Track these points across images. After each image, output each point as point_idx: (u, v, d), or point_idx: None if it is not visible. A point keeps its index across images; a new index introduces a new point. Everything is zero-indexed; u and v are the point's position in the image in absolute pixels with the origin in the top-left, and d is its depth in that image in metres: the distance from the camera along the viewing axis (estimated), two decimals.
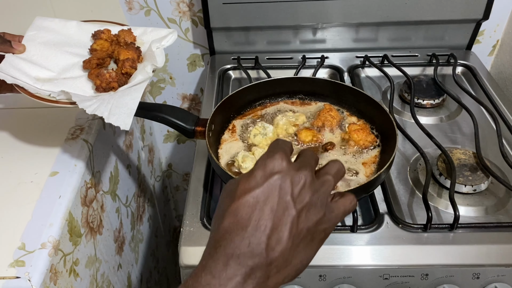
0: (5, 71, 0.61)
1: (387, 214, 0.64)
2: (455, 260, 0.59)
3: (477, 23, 0.95)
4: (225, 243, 0.36)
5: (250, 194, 0.37)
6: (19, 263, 0.56)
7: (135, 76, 0.63)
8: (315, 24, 0.95)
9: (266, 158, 0.39)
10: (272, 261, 0.36)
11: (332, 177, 0.41)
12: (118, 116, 0.56)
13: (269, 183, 0.37)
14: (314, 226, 0.38)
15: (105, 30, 0.69)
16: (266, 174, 0.38)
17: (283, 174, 0.38)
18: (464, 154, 0.70)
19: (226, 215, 0.37)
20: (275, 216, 0.37)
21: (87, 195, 0.73)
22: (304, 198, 0.38)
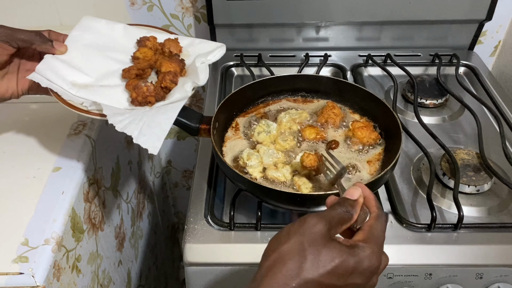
0: (41, 73, 0.58)
1: (391, 213, 0.64)
2: (458, 260, 0.59)
3: (479, 24, 0.95)
4: None
5: (331, 283, 0.39)
6: (23, 259, 0.56)
7: (174, 92, 0.59)
8: (319, 22, 0.95)
9: (367, 258, 0.40)
10: None
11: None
12: (148, 137, 0.53)
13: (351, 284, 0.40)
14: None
15: (151, 37, 0.66)
16: (357, 274, 0.40)
17: (365, 283, 0.41)
18: (467, 155, 0.70)
19: (301, 280, 0.38)
20: None
21: (90, 191, 0.72)
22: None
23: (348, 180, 0.63)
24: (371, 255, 0.41)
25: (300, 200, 0.57)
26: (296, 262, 0.38)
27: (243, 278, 0.59)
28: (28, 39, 0.59)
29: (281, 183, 0.62)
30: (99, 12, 0.98)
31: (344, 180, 0.63)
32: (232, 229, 0.61)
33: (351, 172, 0.64)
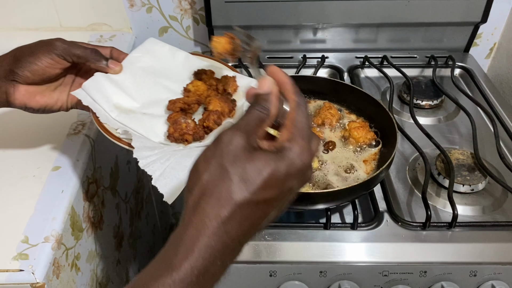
0: (87, 90, 0.57)
1: (386, 212, 0.65)
2: (453, 258, 0.60)
3: (475, 26, 0.97)
4: (229, 237, 0.35)
5: (269, 197, 0.36)
6: (23, 256, 0.56)
7: (212, 134, 0.55)
8: (316, 24, 0.96)
9: (297, 157, 0.36)
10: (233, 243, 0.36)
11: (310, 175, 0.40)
12: (168, 180, 0.48)
13: (287, 192, 0.37)
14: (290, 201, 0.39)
15: (208, 71, 0.62)
16: (292, 180, 0.36)
17: (300, 185, 0.38)
18: (462, 155, 0.71)
19: (232, 204, 0.35)
20: (267, 221, 0.37)
21: (89, 190, 0.73)
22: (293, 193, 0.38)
23: (345, 179, 0.64)
24: (301, 153, 0.36)
25: (297, 198, 0.57)
26: (222, 188, 0.34)
27: (240, 275, 0.60)
28: (83, 55, 0.57)
29: None
30: (98, 14, 0.99)
31: (341, 179, 0.64)
32: None
33: (349, 171, 0.65)
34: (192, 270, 0.33)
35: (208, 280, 0.34)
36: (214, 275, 0.35)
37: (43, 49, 0.56)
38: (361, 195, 0.64)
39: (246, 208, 0.34)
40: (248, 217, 0.35)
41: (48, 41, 0.57)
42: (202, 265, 0.33)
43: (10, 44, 0.61)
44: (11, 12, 0.99)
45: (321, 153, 0.68)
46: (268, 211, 0.36)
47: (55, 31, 1.01)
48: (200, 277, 0.33)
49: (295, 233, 0.62)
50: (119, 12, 0.99)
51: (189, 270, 0.33)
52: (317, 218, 0.66)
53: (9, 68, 0.56)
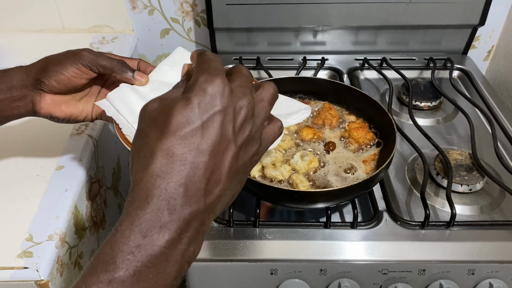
0: (111, 101, 0.56)
1: (386, 211, 0.66)
2: (451, 257, 0.60)
3: (473, 29, 0.98)
4: (158, 191, 0.31)
5: (188, 130, 0.32)
6: (27, 254, 0.57)
7: None
8: (316, 27, 0.97)
9: (205, 83, 0.33)
10: (209, 206, 0.32)
11: (268, 103, 0.37)
12: None
13: (210, 117, 0.32)
14: (249, 159, 0.36)
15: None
16: (207, 105, 0.32)
17: (225, 105, 0.33)
18: (460, 155, 0.72)
19: (156, 154, 0.31)
20: (215, 156, 0.32)
21: (92, 189, 0.74)
22: (245, 132, 0.34)
23: (345, 179, 0.65)
24: (206, 78, 0.33)
25: (298, 197, 0.58)
26: (142, 145, 0.33)
27: (241, 273, 0.61)
28: (109, 66, 0.57)
29: (280, 181, 0.64)
30: (100, 16, 1.00)
31: (341, 179, 0.65)
32: (231, 226, 0.63)
33: (348, 171, 0.66)
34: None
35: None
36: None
37: (70, 59, 0.56)
38: (361, 194, 0.65)
39: (179, 159, 0.31)
40: (176, 155, 0.31)
41: (76, 51, 0.57)
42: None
43: (13, 46, 0.62)
44: (14, 14, 1.00)
45: (323, 154, 0.69)
46: (197, 142, 0.32)
47: (58, 33, 1.02)
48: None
49: (295, 231, 0.63)
50: (121, 14, 1.00)
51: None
52: (317, 217, 0.67)
53: (36, 77, 0.56)
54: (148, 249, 0.30)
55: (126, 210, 0.32)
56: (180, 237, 0.31)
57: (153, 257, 0.30)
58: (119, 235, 0.31)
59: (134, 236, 0.30)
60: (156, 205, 0.31)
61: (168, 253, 0.31)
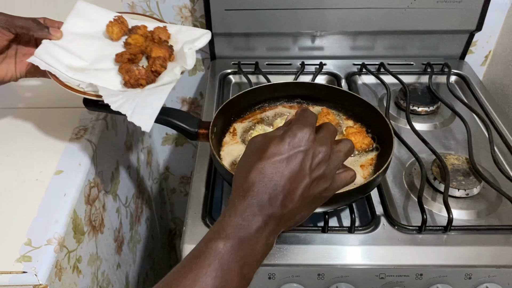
0: (40, 57, 0.62)
1: (383, 216, 0.66)
2: (448, 261, 0.61)
3: (470, 34, 0.98)
4: (252, 194, 0.44)
5: (277, 159, 0.44)
6: (26, 259, 0.57)
7: (163, 76, 0.63)
8: (314, 32, 0.98)
9: (296, 130, 0.46)
10: (283, 214, 0.44)
11: (343, 155, 0.49)
12: (141, 116, 0.57)
13: (294, 154, 0.45)
14: (319, 193, 0.47)
15: (141, 26, 0.69)
16: (294, 145, 0.45)
17: (307, 148, 0.45)
18: (457, 160, 0.72)
19: (254, 169, 0.44)
20: (293, 181, 0.44)
21: (91, 194, 0.74)
22: (319, 170, 0.46)
23: None
24: (298, 126, 0.46)
25: None
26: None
27: None
28: (26, 26, 0.63)
29: None
30: None
31: None
32: None
33: None
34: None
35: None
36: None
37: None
38: (358, 199, 0.66)
39: (261, 169, 0.44)
40: (265, 176, 0.44)
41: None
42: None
43: None
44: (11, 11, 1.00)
45: None
46: (281, 168, 0.44)
47: None
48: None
49: (293, 236, 0.63)
50: None
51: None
52: (315, 222, 0.67)
53: None
54: (246, 228, 0.43)
55: (230, 203, 0.45)
56: (265, 227, 0.43)
57: (249, 234, 0.42)
58: (227, 218, 0.43)
59: (237, 219, 0.43)
60: (251, 202, 0.43)
61: (257, 235, 0.43)
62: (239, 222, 0.43)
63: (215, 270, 0.40)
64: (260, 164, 0.44)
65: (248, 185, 0.44)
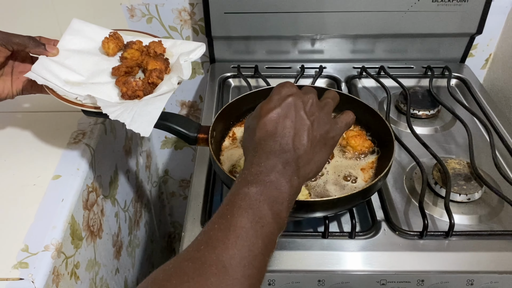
0: (37, 72, 0.63)
1: (384, 221, 0.65)
2: (450, 267, 0.60)
3: (471, 37, 0.98)
4: (262, 146, 0.46)
5: (273, 112, 0.47)
6: (23, 265, 0.57)
7: (161, 86, 0.64)
8: (314, 35, 0.97)
9: (279, 87, 0.50)
10: (299, 156, 0.46)
11: (331, 100, 0.53)
12: (139, 123, 0.57)
13: (285, 103, 0.48)
14: (325, 134, 0.49)
15: (137, 41, 0.71)
16: (282, 96, 0.48)
17: (295, 96, 0.48)
18: (458, 164, 0.72)
19: (256, 130, 0.47)
20: (295, 126, 0.47)
21: (89, 198, 0.73)
22: (314, 113, 0.49)
23: (342, 188, 0.65)
24: (280, 85, 0.50)
25: (296, 207, 0.57)
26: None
27: None
28: (22, 42, 0.63)
29: None
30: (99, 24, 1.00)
31: (339, 188, 0.65)
32: None
33: (347, 179, 0.66)
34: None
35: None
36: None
37: None
38: (359, 203, 0.65)
39: (262, 126, 0.47)
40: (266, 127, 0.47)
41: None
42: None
43: None
44: (13, 22, 1.00)
45: None
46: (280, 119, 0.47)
47: None
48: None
49: (293, 242, 0.62)
50: (120, 22, 1.00)
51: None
52: (315, 227, 0.66)
53: None
54: (266, 172, 0.44)
55: (245, 163, 0.47)
56: (284, 169, 0.45)
57: (271, 177, 0.44)
58: (245, 170, 0.45)
59: (255, 168, 0.44)
60: (263, 152, 0.45)
61: (279, 177, 0.44)
62: (257, 169, 0.44)
63: (246, 209, 0.41)
64: (260, 123, 0.47)
65: (256, 142, 0.47)
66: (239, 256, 0.38)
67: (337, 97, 0.55)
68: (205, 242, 0.39)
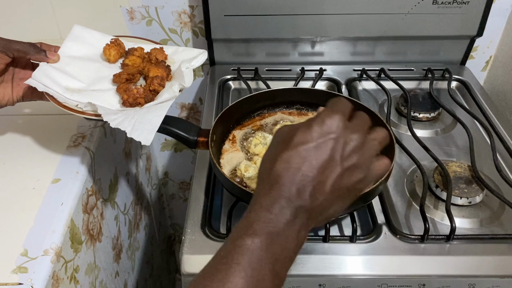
0: (37, 79, 0.62)
1: (385, 225, 0.65)
2: (451, 271, 0.60)
3: (471, 40, 0.98)
4: (278, 186, 0.40)
5: (304, 147, 0.41)
6: (22, 270, 0.56)
7: (162, 94, 0.64)
8: (314, 38, 0.97)
9: (325, 116, 0.42)
10: (313, 207, 0.41)
11: (378, 143, 0.45)
12: (140, 132, 0.57)
13: (323, 141, 0.41)
14: (353, 185, 0.43)
15: (138, 48, 0.70)
16: (323, 132, 0.41)
17: (338, 135, 0.41)
18: (459, 167, 0.72)
19: (279, 160, 0.41)
20: (323, 171, 0.41)
21: (88, 202, 0.73)
22: (352, 160, 0.42)
23: None
24: (328, 113, 0.42)
25: None
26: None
27: None
28: (23, 49, 0.63)
29: None
30: (99, 26, 0.99)
31: None
32: None
33: None
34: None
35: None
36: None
37: None
38: (360, 207, 0.65)
39: (287, 159, 0.41)
40: (291, 161, 0.41)
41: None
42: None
43: None
44: (12, 24, 1.00)
45: None
46: (308, 156, 0.41)
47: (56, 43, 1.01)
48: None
49: None
50: (119, 24, 1.00)
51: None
52: (316, 231, 0.66)
53: None
54: (274, 222, 0.39)
55: (254, 198, 0.42)
56: (294, 220, 0.40)
57: (278, 229, 0.39)
58: (252, 213, 0.40)
59: (263, 213, 0.40)
60: (277, 195, 0.40)
61: (287, 230, 0.39)
62: (266, 216, 0.39)
63: (245, 268, 0.37)
64: (285, 154, 0.41)
65: (273, 177, 0.41)
66: None
67: (387, 139, 0.46)
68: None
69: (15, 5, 0.97)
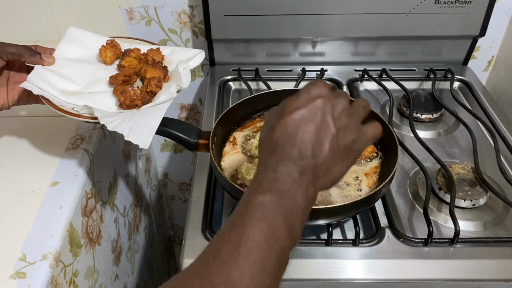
0: (33, 82, 0.61)
1: (388, 228, 0.64)
2: (455, 275, 0.59)
3: (473, 39, 0.97)
4: (279, 149, 0.43)
5: (297, 112, 0.43)
6: (20, 275, 0.55)
7: (159, 95, 0.63)
8: (315, 38, 0.96)
9: (309, 85, 0.46)
10: (317, 165, 0.43)
11: (362, 108, 0.48)
12: (138, 134, 0.56)
13: (313, 104, 0.43)
14: (349, 144, 0.45)
15: (134, 49, 0.70)
16: (311, 97, 0.44)
17: (325, 98, 0.44)
18: (463, 169, 0.71)
19: (276, 129, 0.43)
20: (318, 132, 0.43)
21: (87, 205, 0.72)
22: (342, 120, 0.44)
23: (346, 194, 0.64)
24: (312, 83, 0.46)
25: None
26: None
27: None
28: (17, 52, 0.62)
29: None
30: (97, 27, 0.99)
31: (343, 194, 0.64)
32: None
33: (352, 184, 0.65)
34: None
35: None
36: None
37: None
38: (362, 210, 0.64)
39: (283, 125, 0.43)
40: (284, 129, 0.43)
41: None
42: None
43: None
44: (10, 25, 0.99)
45: None
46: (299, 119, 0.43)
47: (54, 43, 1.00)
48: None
49: (296, 249, 0.61)
50: (118, 25, 0.99)
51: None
52: (318, 234, 0.65)
53: None
54: (281, 180, 0.41)
55: (260, 165, 0.44)
56: (301, 177, 0.41)
57: (286, 185, 0.40)
58: (260, 175, 0.42)
59: (270, 173, 0.41)
60: (280, 157, 0.42)
61: (294, 186, 0.41)
62: (273, 175, 0.41)
63: (259, 220, 0.38)
64: (281, 122, 0.43)
65: (274, 144, 0.43)
66: (250, 273, 0.35)
67: (368, 106, 0.50)
68: (213, 256, 0.36)
69: (13, 6, 0.96)
